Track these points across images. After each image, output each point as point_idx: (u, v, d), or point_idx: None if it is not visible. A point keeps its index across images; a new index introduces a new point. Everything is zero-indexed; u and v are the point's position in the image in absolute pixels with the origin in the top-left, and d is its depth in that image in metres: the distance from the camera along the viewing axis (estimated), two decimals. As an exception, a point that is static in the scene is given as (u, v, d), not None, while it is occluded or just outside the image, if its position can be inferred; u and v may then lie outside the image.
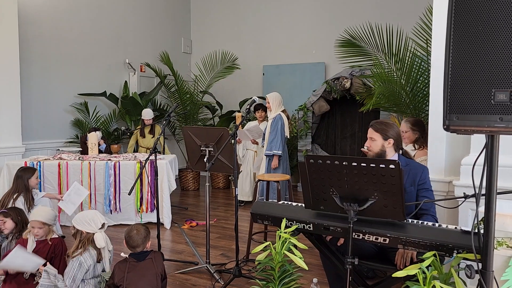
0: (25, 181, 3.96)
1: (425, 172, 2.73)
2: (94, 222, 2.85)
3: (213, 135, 3.58)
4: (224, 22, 9.04)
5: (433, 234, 2.09)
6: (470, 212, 2.79)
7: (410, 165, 2.75)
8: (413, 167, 2.73)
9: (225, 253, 4.25)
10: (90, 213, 2.96)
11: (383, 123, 2.81)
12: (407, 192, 2.66)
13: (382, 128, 2.75)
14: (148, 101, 7.66)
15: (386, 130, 2.75)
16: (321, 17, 7.99)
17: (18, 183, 3.95)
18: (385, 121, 2.94)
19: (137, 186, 5.14)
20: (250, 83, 8.67)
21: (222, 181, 7.73)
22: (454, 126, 1.53)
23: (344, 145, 7.86)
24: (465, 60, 1.50)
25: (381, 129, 2.75)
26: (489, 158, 1.58)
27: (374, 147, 2.77)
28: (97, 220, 2.87)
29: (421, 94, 4.65)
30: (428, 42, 4.43)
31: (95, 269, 2.85)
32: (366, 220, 2.21)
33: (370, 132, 2.80)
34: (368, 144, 2.80)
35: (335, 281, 2.84)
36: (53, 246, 3.13)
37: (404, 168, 2.71)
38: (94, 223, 2.85)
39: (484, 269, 1.61)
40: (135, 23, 8.07)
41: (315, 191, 2.26)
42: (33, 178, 4.02)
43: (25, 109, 5.97)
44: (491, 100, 1.45)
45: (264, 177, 4.51)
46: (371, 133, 2.79)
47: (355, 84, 6.71)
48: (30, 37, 6.20)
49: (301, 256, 2.33)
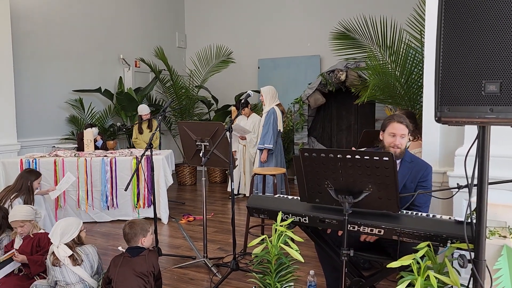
0: (29, 183, 3.93)
1: (427, 171, 2.68)
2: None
3: (208, 129, 3.58)
4: (219, 16, 9.01)
5: (427, 225, 2.12)
6: (464, 202, 2.82)
7: (415, 162, 2.70)
8: (417, 164, 2.70)
9: (222, 247, 4.27)
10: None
11: (403, 116, 2.70)
12: (407, 188, 2.65)
13: (407, 122, 2.65)
14: (143, 96, 7.64)
15: (409, 123, 2.66)
16: (315, 10, 7.97)
17: (22, 182, 3.91)
18: (402, 114, 2.88)
19: (134, 181, 5.14)
20: (245, 77, 8.66)
21: (219, 175, 7.74)
22: (445, 118, 1.55)
23: (340, 138, 7.88)
24: (455, 51, 1.51)
25: (407, 124, 2.65)
26: (480, 148, 1.60)
27: (403, 143, 2.65)
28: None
29: (416, 85, 4.66)
30: (422, 33, 4.43)
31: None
32: (361, 212, 2.23)
33: (400, 129, 2.62)
34: (397, 142, 2.63)
35: (331, 273, 2.86)
36: (37, 239, 3.14)
37: (409, 164, 2.69)
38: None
39: (477, 258, 1.63)
40: (128, 18, 8.02)
41: (310, 184, 2.27)
42: (36, 182, 4.00)
43: (19, 107, 5.95)
44: (482, 91, 1.47)
45: (260, 171, 4.52)
46: (402, 130, 2.63)
47: (350, 77, 6.71)
48: (23, 33, 6.16)
49: (297, 249, 2.35)
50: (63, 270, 2.73)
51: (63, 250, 2.73)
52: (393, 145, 2.64)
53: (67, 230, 2.79)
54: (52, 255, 2.74)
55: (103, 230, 4.90)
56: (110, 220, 5.19)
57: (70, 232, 2.80)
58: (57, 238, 2.75)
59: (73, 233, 2.81)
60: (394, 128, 2.64)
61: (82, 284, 2.78)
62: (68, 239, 2.78)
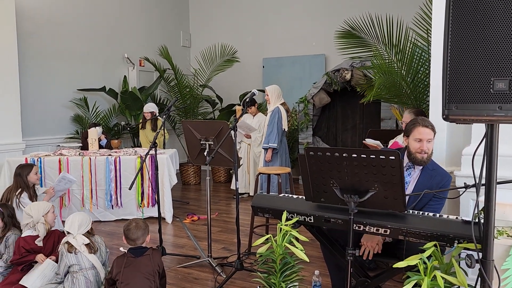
0: (24, 178, 3.94)
1: (448, 182, 2.60)
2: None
3: (212, 128, 3.57)
4: (223, 15, 9.00)
5: (434, 225, 2.09)
6: (471, 202, 2.79)
7: (437, 170, 2.63)
8: (439, 173, 2.61)
9: (226, 247, 4.26)
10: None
11: (427, 119, 2.61)
12: (423, 195, 2.58)
13: (432, 125, 2.56)
14: (147, 95, 7.64)
15: (434, 126, 2.57)
16: (320, 8, 7.94)
17: (17, 180, 3.94)
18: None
19: (138, 181, 5.14)
20: (250, 76, 8.64)
21: (223, 175, 7.73)
22: (453, 116, 1.52)
23: (345, 137, 7.85)
24: (463, 49, 1.48)
25: (433, 127, 2.56)
26: (488, 147, 1.57)
27: (430, 148, 2.56)
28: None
29: (422, 84, 4.62)
30: (428, 32, 4.40)
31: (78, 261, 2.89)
32: (367, 211, 2.21)
33: (426, 133, 2.53)
34: (424, 147, 2.53)
35: (336, 272, 2.84)
36: (57, 236, 3.27)
37: (430, 172, 2.62)
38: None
39: (485, 258, 1.61)
40: (133, 17, 8.03)
41: (315, 183, 2.25)
42: (32, 174, 3.99)
43: (24, 106, 5.97)
44: (490, 89, 1.44)
45: (264, 170, 4.50)
46: (428, 134, 2.53)
47: (356, 76, 6.68)
48: (28, 32, 6.17)
49: (302, 248, 2.33)
50: (78, 256, 2.86)
51: (80, 237, 2.89)
52: (420, 150, 2.55)
53: (83, 222, 2.95)
54: (67, 244, 2.87)
55: (107, 229, 4.90)
56: (114, 219, 5.19)
57: (86, 224, 2.96)
58: (75, 229, 2.90)
59: (88, 225, 2.98)
60: (420, 133, 2.54)
61: (94, 271, 2.90)
62: (84, 230, 2.94)
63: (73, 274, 2.85)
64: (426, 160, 2.57)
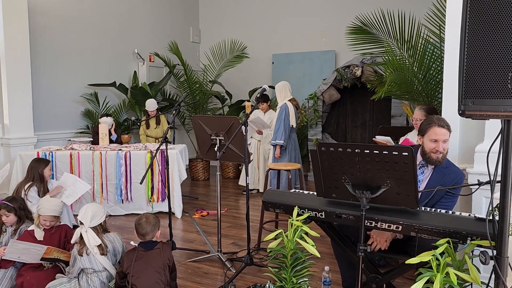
0: (39, 171, 3.99)
1: (461, 180, 2.57)
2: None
3: (223, 124, 3.58)
4: (233, 10, 8.99)
5: (446, 221, 2.08)
6: (483, 199, 2.77)
7: (450, 168, 2.60)
8: (452, 171, 2.58)
9: (236, 242, 4.27)
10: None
11: (443, 119, 2.57)
12: (435, 193, 2.53)
13: (448, 125, 2.53)
14: (157, 91, 7.67)
15: (449, 125, 2.54)
16: (331, 4, 7.90)
17: (32, 173, 3.98)
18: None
19: (148, 175, 5.17)
20: (259, 72, 8.63)
21: (232, 171, 7.74)
22: (469, 111, 1.51)
23: (355, 134, 7.82)
24: (480, 43, 1.47)
25: (449, 127, 2.53)
26: (504, 143, 1.56)
27: (446, 148, 2.53)
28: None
29: (434, 81, 4.58)
30: (441, 28, 4.35)
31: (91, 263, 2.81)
32: (379, 207, 2.20)
33: (442, 133, 2.49)
34: (440, 148, 2.50)
35: (347, 269, 2.84)
36: (64, 231, 3.20)
37: (444, 170, 2.59)
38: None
39: (499, 255, 1.60)
40: (143, 13, 8.05)
41: (327, 179, 2.25)
42: (47, 169, 4.04)
43: (36, 100, 6.03)
44: (508, 84, 1.43)
45: (274, 166, 4.50)
46: (444, 134, 2.49)
47: (366, 72, 6.64)
48: (39, 28, 6.22)
49: (313, 244, 2.34)
50: (90, 258, 2.76)
51: (92, 237, 2.75)
52: (435, 151, 2.52)
53: (97, 214, 2.82)
54: (79, 245, 2.76)
55: (117, 223, 4.94)
56: (124, 214, 5.22)
57: (99, 215, 2.83)
58: (88, 220, 2.77)
59: (101, 218, 2.85)
60: (435, 134, 2.50)
61: (107, 272, 2.84)
62: (96, 222, 2.81)
63: (87, 275, 2.81)
64: (441, 159, 2.54)
